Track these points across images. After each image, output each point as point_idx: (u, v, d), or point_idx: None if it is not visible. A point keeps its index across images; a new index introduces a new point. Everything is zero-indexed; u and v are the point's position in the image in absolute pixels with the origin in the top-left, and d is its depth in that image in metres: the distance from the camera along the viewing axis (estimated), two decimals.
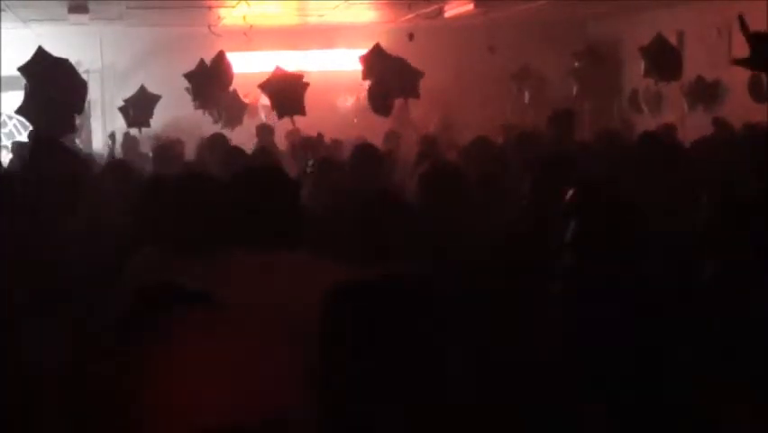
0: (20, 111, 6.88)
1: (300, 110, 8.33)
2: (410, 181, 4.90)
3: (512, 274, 2.92)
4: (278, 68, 8.66)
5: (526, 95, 11.79)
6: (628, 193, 3.65)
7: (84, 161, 5.03)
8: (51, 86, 6.74)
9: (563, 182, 3.51)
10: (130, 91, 9.48)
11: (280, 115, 8.42)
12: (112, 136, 9.53)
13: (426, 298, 1.80)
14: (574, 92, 10.89)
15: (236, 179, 2.87)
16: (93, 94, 10.35)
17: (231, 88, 10.02)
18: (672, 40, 10.97)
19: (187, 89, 9.53)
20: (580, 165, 4.35)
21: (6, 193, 3.97)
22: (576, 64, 11.04)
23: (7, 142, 10.58)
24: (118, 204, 4.44)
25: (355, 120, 11.21)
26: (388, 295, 1.79)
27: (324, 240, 3.11)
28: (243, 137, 8.71)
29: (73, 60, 7.16)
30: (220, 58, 9.03)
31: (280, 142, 9.18)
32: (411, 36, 10.34)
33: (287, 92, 8.35)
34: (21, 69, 6.87)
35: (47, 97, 6.70)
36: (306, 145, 7.62)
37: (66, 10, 9.35)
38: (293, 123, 8.38)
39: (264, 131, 9.46)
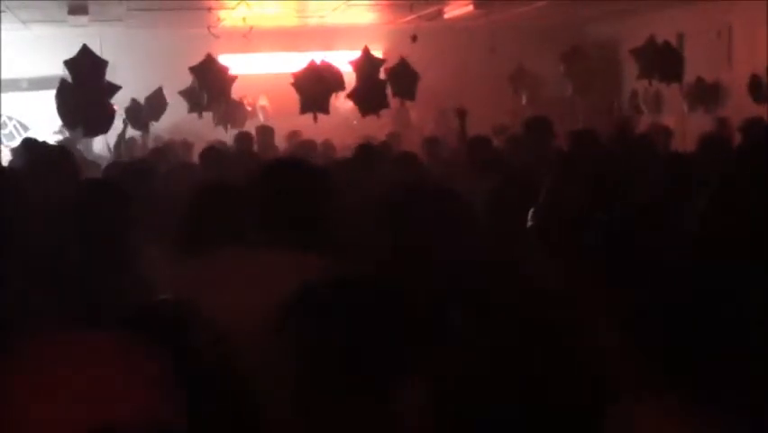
0: (58, 110, 6.94)
1: (325, 108, 8.36)
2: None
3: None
4: (312, 61, 8.66)
5: (523, 96, 11.80)
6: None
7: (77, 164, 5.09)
8: (91, 84, 6.81)
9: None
10: (129, 93, 9.47)
11: (304, 111, 8.43)
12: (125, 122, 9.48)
13: (395, 296, 1.81)
14: (569, 93, 10.89)
15: (267, 173, 2.81)
16: None
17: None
18: (672, 41, 10.99)
19: (180, 93, 9.53)
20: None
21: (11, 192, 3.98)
22: (561, 67, 11.03)
23: (8, 143, 10.58)
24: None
25: (355, 122, 11.20)
26: (353, 294, 1.80)
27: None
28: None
29: None
30: (209, 61, 9.07)
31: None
32: (414, 38, 10.35)
33: (317, 88, 8.38)
34: (66, 63, 6.93)
35: (85, 96, 6.77)
36: (304, 147, 7.66)
37: (66, 11, 9.35)
38: (315, 119, 8.38)
39: (263, 132, 9.46)
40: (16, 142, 9.34)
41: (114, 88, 6.98)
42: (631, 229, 2.71)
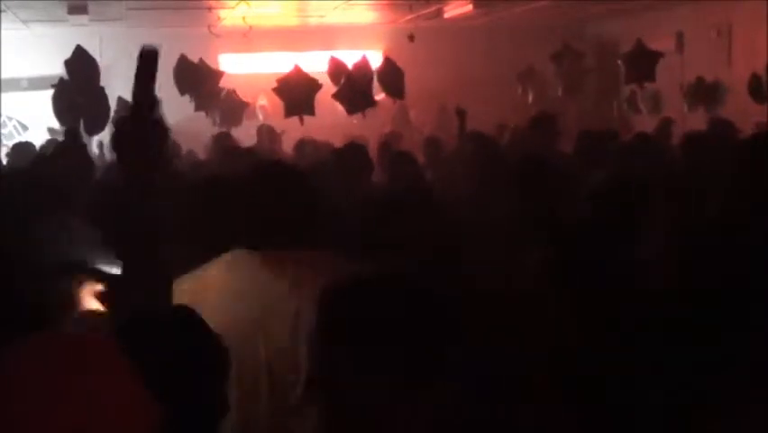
0: (54, 110, 7.01)
1: (310, 110, 8.40)
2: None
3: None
4: (297, 66, 8.71)
5: (530, 95, 11.78)
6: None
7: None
8: (88, 84, 6.87)
9: None
10: (129, 92, 9.47)
11: (288, 114, 8.46)
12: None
13: (425, 295, 1.81)
14: (559, 92, 10.87)
15: (253, 175, 2.80)
16: None
17: (231, 88, 10.05)
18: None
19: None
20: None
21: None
22: (552, 67, 11.02)
23: (7, 143, 10.56)
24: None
25: (354, 121, 11.21)
26: (386, 292, 1.79)
27: (340, 236, 3.10)
28: (241, 138, 8.70)
29: None
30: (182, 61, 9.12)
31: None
32: (411, 37, 10.35)
33: (299, 90, 8.42)
34: (66, 63, 6.99)
35: (82, 96, 6.82)
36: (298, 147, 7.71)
37: (66, 11, 9.35)
38: (301, 121, 8.41)
39: (264, 131, 9.46)
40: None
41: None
42: None
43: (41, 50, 11.34)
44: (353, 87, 8.36)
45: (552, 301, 2.57)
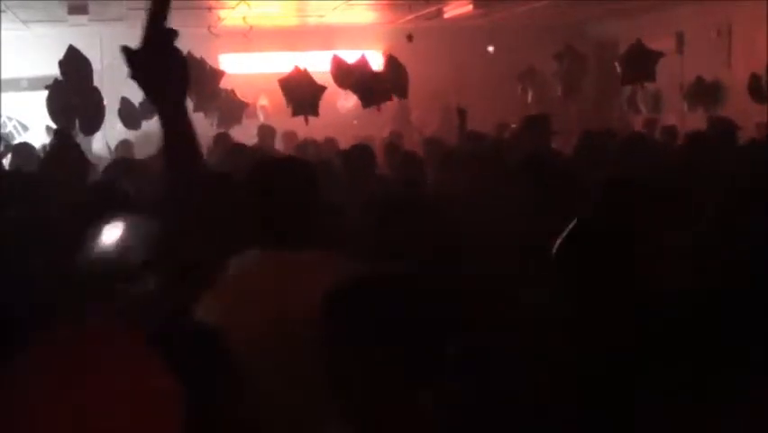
0: (49, 110, 7.03)
1: (314, 111, 8.44)
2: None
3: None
4: (297, 67, 8.74)
5: (530, 95, 11.78)
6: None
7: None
8: (81, 83, 6.86)
9: None
10: (130, 92, 9.47)
11: (295, 114, 8.51)
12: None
13: (426, 294, 1.81)
14: (559, 92, 10.87)
15: (257, 171, 2.78)
16: None
17: (230, 88, 10.06)
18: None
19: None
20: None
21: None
22: (555, 67, 11.02)
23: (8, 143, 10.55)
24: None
25: (355, 121, 11.22)
26: (389, 292, 1.80)
27: (341, 236, 3.10)
28: (241, 138, 8.70)
29: None
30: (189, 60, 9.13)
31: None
32: (410, 37, 10.35)
33: (304, 92, 8.45)
34: (60, 64, 6.99)
35: (77, 96, 6.82)
36: (300, 147, 7.70)
37: (66, 11, 9.35)
38: (306, 121, 8.45)
39: (265, 131, 9.46)
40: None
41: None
42: None
43: (40, 50, 11.33)
44: (367, 81, 8.40)
45: (552, 301, 2.57)
